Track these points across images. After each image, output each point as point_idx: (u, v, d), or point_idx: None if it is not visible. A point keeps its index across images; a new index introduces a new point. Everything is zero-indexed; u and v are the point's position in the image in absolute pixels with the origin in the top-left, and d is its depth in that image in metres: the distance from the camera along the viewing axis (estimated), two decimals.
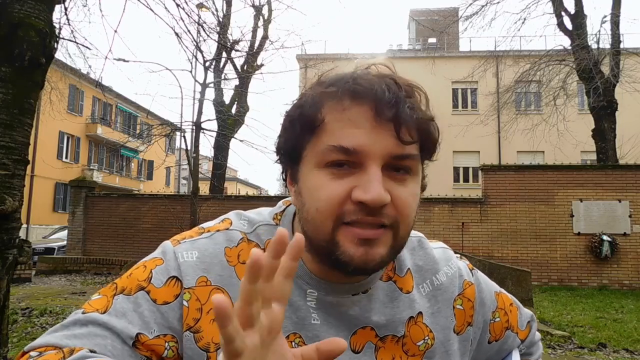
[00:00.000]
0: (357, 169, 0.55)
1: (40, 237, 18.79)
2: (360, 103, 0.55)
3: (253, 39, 13.91)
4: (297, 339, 0.60)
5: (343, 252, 0.54)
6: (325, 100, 0.56)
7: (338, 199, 0.54)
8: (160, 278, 0.59)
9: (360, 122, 0.54)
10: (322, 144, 0.55)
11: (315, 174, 0.56)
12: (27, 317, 5.66)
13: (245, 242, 0.64)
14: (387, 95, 0.54)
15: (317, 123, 0.56)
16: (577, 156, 18.12)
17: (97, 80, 7.05)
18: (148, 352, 0.56)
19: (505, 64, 14.32)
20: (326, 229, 0.55)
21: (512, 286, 6.34)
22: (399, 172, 0.56)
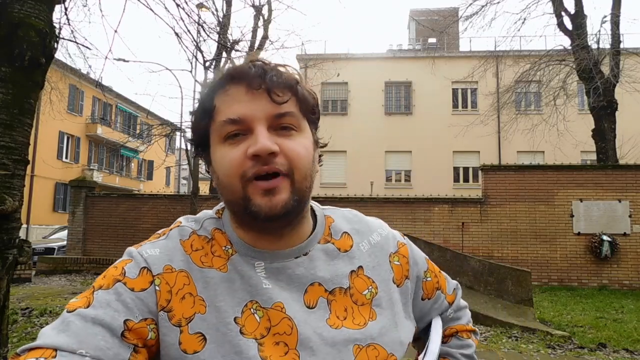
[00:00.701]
0: (249, 135, 0.65)
1: (40, 237, 18.79)
2: (237, 83, 0.67)
3: (253, 39, 13.91)
4: (255, 305, 0.66)
5: (253, 204, 0.64)
6: (214, 91, 0.69)
7: (238, 160, 0.64)
8: (134, 271, 0.65)
9: (239, 96, 0.66)
10: (217, 123, 0.67)
11: (219, 149, 0.67)
12: (27, 317, 5.66)
13: (195, 235, 0.72)
14: (253, 70, 0.66)
15: (211, 109, 0.68)
16: (577, 156, 18.12)
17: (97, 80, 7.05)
18: (135, 339, 0.60)
19: (505, 64, 14.31)
20: (236, 187, 0.65)
21: (512, 286, 6.35)
22: (285, 130, 0.66)
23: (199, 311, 0.64)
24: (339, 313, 0.70)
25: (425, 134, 21.25)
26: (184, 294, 0.65)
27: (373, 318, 0.72)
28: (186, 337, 0.63)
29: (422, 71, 20.42)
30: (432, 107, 21.70)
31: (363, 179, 20.06)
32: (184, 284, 0.66)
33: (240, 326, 0.64)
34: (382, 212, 11.00)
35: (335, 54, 20.60)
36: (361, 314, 0.71)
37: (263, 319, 0.65)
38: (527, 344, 5.10)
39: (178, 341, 0.63)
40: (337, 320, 0.69)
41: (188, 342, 0.63)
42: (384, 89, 22.29)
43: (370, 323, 0.71)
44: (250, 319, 0.65)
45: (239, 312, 0.65)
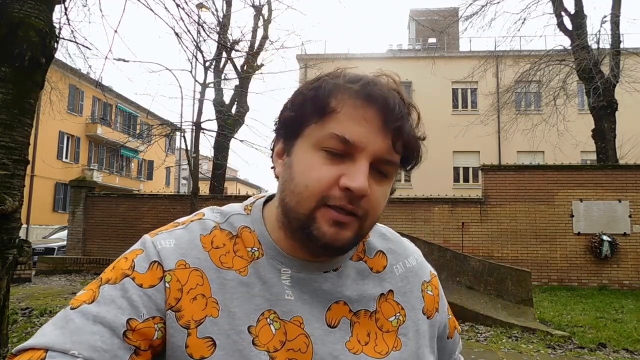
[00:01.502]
0: (348, 160, 0.60)
1: (40, 237, 18.79)
2: (372, 106, 0.60)
3: (253, 39, 13.91)
4: (272, 315, 0.63)
5: (317, 228, 0.60)
6: (341, 92, 0.62)
7: (327, 182, 0.60)
8: (143, 265, 0.62)
9: (366, 121, 0.60)
10: (326, 129, 0.61)
11: (311, 153, 0.62)
12: (27, 317, 5.66)
13: (218, 229, 0.68)
14: (396, 108, 0.61)
15: (327, 109, 0.61)
16: (577, 156, 18.13)
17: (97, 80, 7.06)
18: (138, 341, 0.57)
19: (505, 64, 14.32)
20: (309, 205, 0.60)
21: (512, 286, 6.34)
22: (380, 174, 0.62)
23: (210, 314, 0.61)
24: (361, 337, 0.66)
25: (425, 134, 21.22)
26: (196, 295, 0.61)
27: (397, 348, 0.67)
28: (194, 341, 0.59)
29: (422, 71, 20.42)
30: (432, 107, 21.69)
31: None
32: (197, 284, 0.62)
33: (254, 336, 0.61)
34: (382, 212, 10.98)
35: (335, 54, 20.59)
36: (385, 342, 0.67)
37: (279, 331, 0.62)
38: (527, 344, 5.10)
39: (185, 344, 0.59)
40: (358, 345, 0.65)
41: (196, 346, 0.59)
42: None
43: (393, 353, 0.67)
44: (265, 330, 0.61)
45: (254, 320, 0.62)
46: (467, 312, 5.94)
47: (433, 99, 21.67)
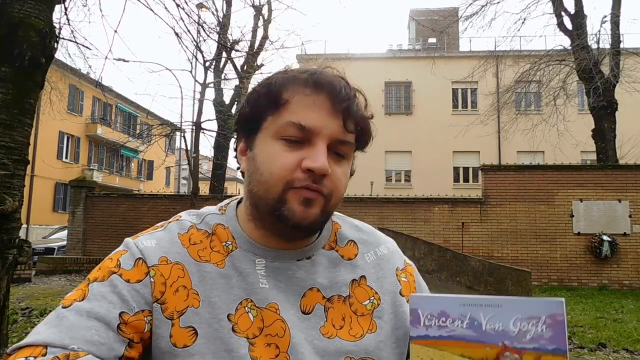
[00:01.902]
0: (306, 145, 0.65)
1: (40, 237, 18.79)
2: (321, 92, 0.66)
3: (253, 39, 13.92)
4: (249, 304, 0.66)
5: (288, 208, 0.64)
6: (292, 84, 0.67)
7: (290, 166, 0.64)
8: (129, 262, 0.65)
9: (317, 107, 0.65)
10: (283, 119, 0.66)
11: (272, 143, 0.66)
12: (27, 317, 5.66)
13: (194, 229, 0.71)
14: (342, 91, 0.66)
15: (281, 101, 0.66)
16: (577, 156, 18.12)
17: (97, 80, 7.06)
18: (131, 333, 0.60)
19: (505, 64, 14.31)
20: (277, 190, 0.65)
21: (512, 286, 6.35)
22: (338, 155, 0.67)
23: (192, 305, 0.64)
24: (336, 322, 0.69)
25: (425, 134, 21.25)
26: (178, 287, 0.65)
27: (372, 330, 0.70)
28: (177, 331, 0.62)
29: (422, 71, 20.41)
30: (432, 107, 21.70)
31: (363, 179, 20.07)
32: (179, 276, 0.65)
33: (233, 324, 0.64)
34: (382, 212, 11.01)
35: (335, 54, 20.59)
36: (360, 325, 0.70)
37: (257, 318, 0.65)
38: None
39: (169, 334, 0.62)
40: (332, 329, 0.68)
41: (179, 335, 0.62)
42: (384, 89, 22.29)
43: (368, 335, 0.69)
44: (243, 318, 0.65)
45: (233, 309, 0.65)
46: None
47: (433, 99, 21.67)
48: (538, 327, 0.53)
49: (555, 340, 0.52)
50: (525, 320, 0.54)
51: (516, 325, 0.54)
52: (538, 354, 0.52)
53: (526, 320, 0.54)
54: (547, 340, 0.52)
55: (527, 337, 0.53)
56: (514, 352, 0.53)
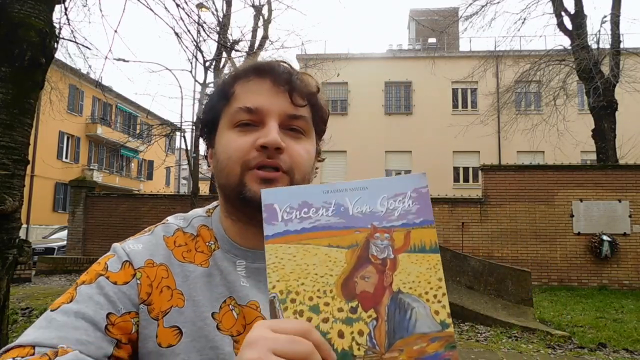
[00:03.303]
0: (260, 127, 0.67)
1: (40, 237, 18.79)
2: (262, 75, 0.69)
3: (253, 39, 13.91)
4: (233, 302, 0.66)
5: (248, 190, 0.65)
6: (237, 78, 0.70)
7: (245, 147, 0.66)
8: (116, 265, 0.66)
9: (261, 89, 0.68)
10: (232, 108, 0.69)
11: (227, 133, 0.69)
12: (27, 317, 5.66)
13: (181, 232, 0.73)
14: (282, 70, 0.69)
15: (229, 94, 0.70)
16: (577, 156, 18.12)
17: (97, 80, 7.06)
18: (119, 334, 0.61)
19: (505, 64, 14.31)
20: (235, 172, 0.66)
21: (512, 286, 6.35)
22: (294, 131, 0.69)
23: (176, 304, 0.65)
24: None
25: (425, 134, 21.24)
26: (162, 287, 0.65)
27: None
28: (162, 331, 0.63)
29: (422, 71, 20.41)
30: (432, 107, 21.70)
31: (363, 178, 20.03)
32: (163, 277, 0.66)
33: (218, 322, 0.64)
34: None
35: (335, 54, 20.59)
36: None
37: (240, 316, 0.65)
38: (527, 344, 5.10)
39: (155, 334, 0.63)
40: None
41: (163, 335, 0.63)
42: (384, 89, 22.29)
43: None
44: (227, 316, 0.65)
45: (217, 307, 0.65)
46: (467, 312, 5.94)
47: (433, 99, 21.66)
48: (405, 202, 0.52)
49: (422, 213, 0.52)
50: (392, 197, 0.52)
51: (383, 204, 0.52)
52: (407, 230, 0.51)
53: (392, 197, 0.52)
54: (415, 215, 0.51)
55: (395, 214, 0.51)
56: (384, 232, 0.50)
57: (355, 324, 0.47)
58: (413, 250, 0.50)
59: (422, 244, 0.50)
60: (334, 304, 0.48)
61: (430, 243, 0.51)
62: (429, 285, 0.49)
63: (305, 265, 0.49)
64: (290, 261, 0.49)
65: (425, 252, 0.50)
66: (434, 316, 0.47)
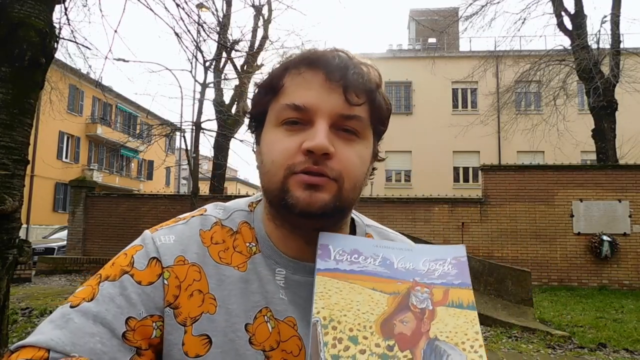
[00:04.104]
0: (308, 126, 0.60)
1: (40, 237, 18.78)
2: (314, 68, 0.61)
3: (253, 39, 13.91)
4: (269, 313, 0.62)
5: (291, 196, 0.59)
6: (287, 69, 0.63)
7: (290, 150, 0.60)
8: (142, 261, 0.62)
9: (312, 84, 0.61)
10: (280, 104, 0.62)
11: (273, 131, 0.63)
12: (27, 317, 5.66)
13: (219, 226, 0.67)
14: (336, 61, 0.61)
15: (278, 87, 0.63)
16: (577, 156, 18.12)
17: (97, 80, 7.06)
18: (138, 340, 0.57)
19: (505, 64, 14.31)
20: (278, 177, 0.60)
21: (512, 286, 6.35)
22: (347, 133, 0.62)
23: (207, 310, 0.60)
24: None
25: (425, 134, 21.25)
26: (193, 291, 0.61)
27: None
28: (190, 339, 0.59)
29: (422, 71, 20.41)
30: (432, 107, 21.70)
31: None
32: (194, 279, 0.61)
33: (251, 335, 0.60)
34: (382, 212, 11.01)
35: None
36: None
37: (274, 330, 0.61)
38: (527, 344, 5.10)
39: (182, 342, 0.59)
40: None
41: (191, 343, 0.58)
42: (384, 89, 22.28)
43: None
44: (262, 328, 0.61)
45: (252, 318, 0.61)
46: None
47: (433, 99, 21.66)
48: (444, 266, 0.57)
49: (460, 276, 0.56)
50: (433, 261, 0.57)
51: (425, 265, 0.57)
52: (446, 288, 0.55)
53: (434, 261, 0.57)
54: (453, 277, 0.56)
55: (435, 274, 0.56)
56: (425, 287, 0.54)
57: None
58: (451, 305, 0.53)
59: (460, 301, 0.54)
60: (372, 338, 0.50)
61: (468, 301, 0.54)
62: (465, 336, 0.51)
63: (350, 300, 0.53)
64: (337, 294, 0.53)
65: (463, 308, 0.54)
66: None
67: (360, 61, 0.64)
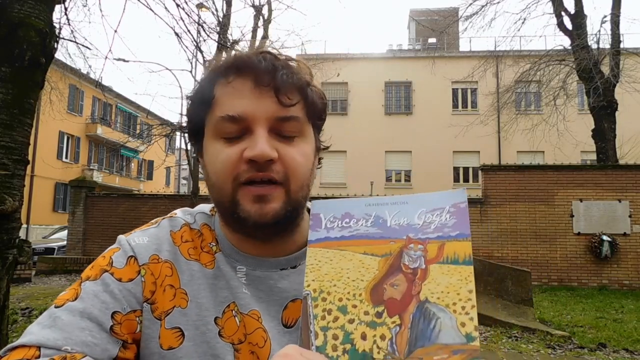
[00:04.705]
0: (247, 136, 0.60)
1: (40, 237, 18.78)
2: (242, 75, 0.61)
3: (253, 39, 13.91)
4: (236, 308, 0.63)
5: (242, 210, 0.60)
6: (216, 78, 0.63)
7: (232, 161, 0.60)
8: (121, 260, 0.64)
9: (243, 92, 0.60)
10: (215, 116, 0.62)
11: (213, 144, 0.63)
12: (27, 317, 5.66)
13: (187, 227, 0.70)
14: (264, 64, 0.60)
15: (210, 98, 0.62)
16: (577, 156, 18.12)
17: (97, 80, 7.06)
18: (125, 334, 0.59)
19: (505, 64, 14.31)
20: (227, 190, 0.61)
21: (512, 286, 6.34)
22: (286, 134, 0.61)
23: (179, 305, 0.62)
24: None
25: (425, 134, 21.24)
26: (166, 286, 0.63)
27: None
28: (164, 332, 0.61)
29: (422, 71, 20.41)
30: (432, 107, 21.69)
31: (363, 179, 20.06)
32: (166, 275, 0.63)
33: (220, 328, 0.62)
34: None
35: (335, 54, 20.59)
36: None
37: (241, 324, 0.62)
38: (527, 344, 5.10)
39: (158, 335, 0.61)
40: None
41: (165, 336, 0.60)
42: (384, 89, 22.29)
43: None
44: (230, 322, 0.62)
45: (220, 312, 0.63)
46: None
47: (433, 99, 21.66)
48: (442, 216, 0.54)
49: (458, 226, 0.53)
50: (430, 212, 0.54)
51: (421, 218, 0.54)
52: (442, 242, 0.52)
53: (430, 212, 0.54)
54: (451, 228, 0.53)
55: (431, 227, 0.53)
56: (418, 243, 0.52)
57: (379, 328, 0.48)
58: (445, 262, 0.51)
59: (456, 256, 0.51)
60: (361, 307, 0.49)
61: (464, 255, 0.51)
62: (457, 296, 0.49)
63: (340, 269, 0.52)
64: (327, 264, 0.52)
65: (458, 264, 0.51)
66: (459, 328, 0.47)
67: (287, 60, 0.63)
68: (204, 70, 0.69)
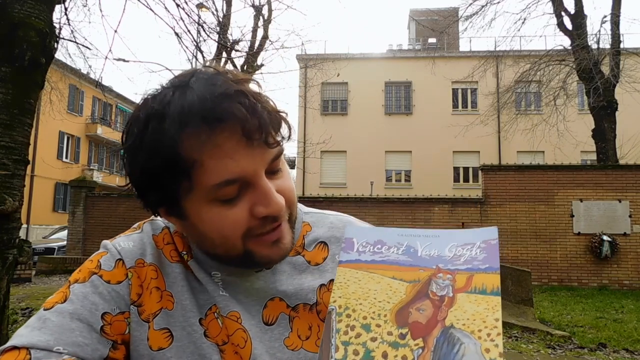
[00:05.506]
0: (248, 190, 0.57)
1: (40, 237, 18.79)
2: (223, 129, 0.53)
3: (253, 39, 13.91)
4: (217, 310, 0.63)
5: (261, 257, 0.60)
6: (187, 135, 0.52)
7: (242, 222, 0.57)
8: (109, 263, 0.64)
9: (232, 151, 0.54)
10: (205, 185, 0.55)
11: (209, 208, 0.57)
12: (27, 317, 5.66)
13: (167, 230, 0.69)
14: (244, 111, 0.53)
15: (188, 166, 0.53)
16: (577, 156, 18.12)
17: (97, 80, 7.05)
18: (114, 335, 0.59)
19: (505, 64, 14.32)
20: (236, 245, 0.59)
21: (512, 286, 6.35)
22: (276, 169, 0.60)
23: (166, 306, 0.63)
24: (302, 332, 0.64)
25: (425, 134, 21.25)
26: (152, 288, 0.63)
27: None
28: (152, 333, 0.61)
29: (422, 71, 20.42)
30: (432, 107, 21.70)
31: (363, 179, 20.07)
32: (152, 277, 0.64)
33: (205, 328, 0.62)
34: (382, 212, 11.01)
35: (335, 54, 20.59)
36: None
37: (223, 325, 0.62)
38: (527, 344, 5.10)
39: (146, 337, 0.61)
40: (297, 340, 0.63)
41: (154, 338, 0.61)
42: (384, 89, 22.30)
43: None
44: (213, 323, 0.62)
45: (204, 314, 0.63)
46: None
47: (433, 99, 21.67)
48: (472, 251, 0.54)
49: (488, 260, 0.53)
50: (461, 246, 0.54)
51: (451, 250, 0.54)
52: (471, 274, 0.52)
53: (461, 246, 0.54)
54: (480, 261, 0.53)
55: (461, 260, 0.53)
56: (447, 273, 0.52)
57: (401, 349, 0.48)
58: (473, 292, 0.51)
59: (484, 287, 0.51)
60: (385, 326, 0.50)
61: (492, 287, 0.52)
62: (483, 323, 0.49)
63: (367, 289, 0.52)
64: (355, 284, 0.53)
65: (486, 294, 0.51)
66: (483, 353, 0.46)
67: (244, 80, 0.57)
68: (140, 110, 0.60)
